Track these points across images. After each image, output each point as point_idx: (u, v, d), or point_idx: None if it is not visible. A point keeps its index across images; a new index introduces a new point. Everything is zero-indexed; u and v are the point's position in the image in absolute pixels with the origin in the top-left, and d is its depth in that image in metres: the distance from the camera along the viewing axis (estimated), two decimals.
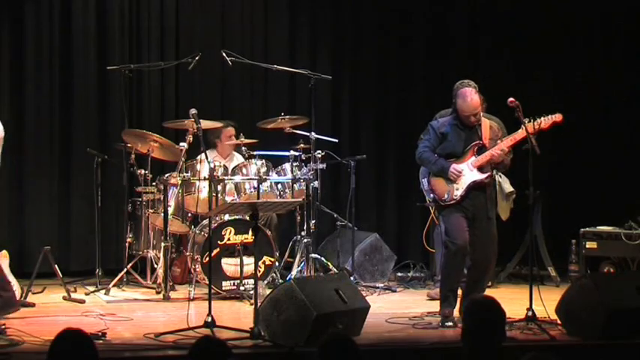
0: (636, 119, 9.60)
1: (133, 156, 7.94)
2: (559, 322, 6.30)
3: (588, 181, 9.42)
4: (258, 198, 7.57)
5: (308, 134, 8.01)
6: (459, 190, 6.53)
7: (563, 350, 5.90)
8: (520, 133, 6.49)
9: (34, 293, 7.34)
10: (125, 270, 7.97)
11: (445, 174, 6.55)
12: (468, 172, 6.55)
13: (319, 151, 8.00)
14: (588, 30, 9.73)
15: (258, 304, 5.95)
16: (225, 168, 7.80)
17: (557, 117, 6.55)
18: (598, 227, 8.52)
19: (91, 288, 7.81)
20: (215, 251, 7.42)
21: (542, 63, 9.63)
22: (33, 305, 7.07)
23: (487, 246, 6.62)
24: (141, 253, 8.10)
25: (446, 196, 6.55)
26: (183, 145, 7.64)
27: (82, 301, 7.32)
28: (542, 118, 6.52)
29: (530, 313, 6.32)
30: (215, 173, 7.22)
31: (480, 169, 6.56)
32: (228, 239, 7.59)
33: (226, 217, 7.63)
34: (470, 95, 6.53)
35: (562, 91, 9.29)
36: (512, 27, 9.60)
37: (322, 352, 3.96)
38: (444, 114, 7.37)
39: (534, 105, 6.78)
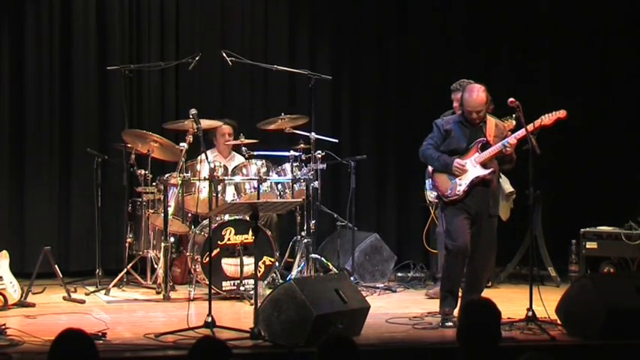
0: (636, 119, 9.60)
1: (133, 156, 7.94)
2: (559, 322, 6.30)
3: (588, 181, 9.42)
4: (259, 198, 7.57)
5: (308, 134, 8.01)
6: (461, 185, 6.52)
7: (563, 350, 5.90)
8: (521, 132, 6.49)
9: (34, 293, 7.33)
10: (125, 270, 7.97)
11: (449, 169, 6.55)
12: (471, 167, 6.54)
13: (319, 151, 8.00)
14: (588, 29, 9.72)
15: (258, 305, 5.95)
16: (226, 168, 7.80)
17: (561, 113, 6.55)
18: (598, 227, 8.52)
19: (91, 288, 7.82)
20: (215, 251, 7.42)
21: (542, 63, 9.64)
22: (33, 305, 7.07)
23: (487, 244, 6.63)
24: (141, 253, 8.10)
25: (449, 191, 6.54)
26: (183, 145, 7.64)
27: (82, 302, 7.32)
28: (546, 115, 6.52)
29: (530, 314, 6.33)
30: (215, 173, 7.22)
31: (484, 165, 6.55)
32: (229, 239, 7.59)
33: (226, 218, 7.63)
34: (477, 91, 6.52)
35: (562, 92, 9.29)
36: (512, 27, 9.60)
37: (321, 352, 3.96)
38: (448, 114, 7.37)
39: (534, 105, 6.78)
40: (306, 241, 7.88)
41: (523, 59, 9.58)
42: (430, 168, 7.64)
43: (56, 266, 7.45)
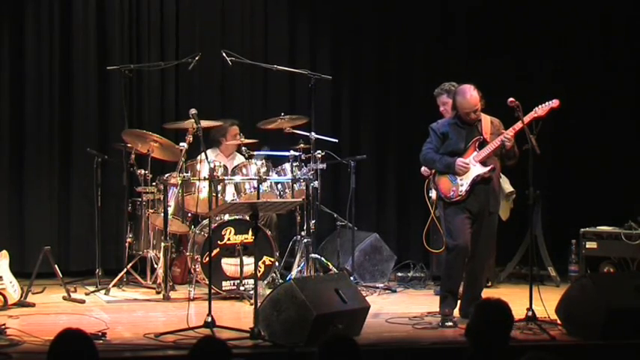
0: (636, 119, 9.60)
1: (133, 156, 7.95)
2: (559, 322, 6.31)
3: (588, 181, 9.42)
4: (258, 198, 7.57)
5: (308, 134, 8.01)
6: (463, 185, 6.54)
7: (563, 350, 5.90)
8: (519, 125, 6.49)
9: (34, 293, 7.34)
10: (125, 270, 7.98)
11: (452, 169, 6.56)
12: (471, 166, 6.56)
13: (319, 151, 7.99)
14: (588, 29, 9.72)
15: (258, 304, 5.95)
16: (225, 168, 7.80)
17: (554, 103, 6.56)
18: (598, 227, 8.51)
19: (91, 288, 7.82)
20: (215, 251, 7.42)
21: (542, 63, 9.63)
22: (33, 305, 7.07)
23: (486, 241, 6.65)
24: (141, 253, 8.11)
25: (451, 193, 6.56)
26: (183, 145, 7.64)
27: (82, 301, 7.32)
28: (539, 106, 6.53)
29: (530, 313, 6.33)
30: (215, 173, 7.22)
31: (483, 163, 6.56)
32: (228, 239, 7.59)
33: (226, 217, 7.63)
34: (469, 92, 6.55)
35: (562, 92, 9.26)
36: (512, 26, 9.58)
37: (323, 351, 3.96)
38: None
39: (534, 105, 6.77)
40: (306, 240, 7.88)
41: (523, 60, 9.56)
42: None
43: (56, 266, 7.45)
